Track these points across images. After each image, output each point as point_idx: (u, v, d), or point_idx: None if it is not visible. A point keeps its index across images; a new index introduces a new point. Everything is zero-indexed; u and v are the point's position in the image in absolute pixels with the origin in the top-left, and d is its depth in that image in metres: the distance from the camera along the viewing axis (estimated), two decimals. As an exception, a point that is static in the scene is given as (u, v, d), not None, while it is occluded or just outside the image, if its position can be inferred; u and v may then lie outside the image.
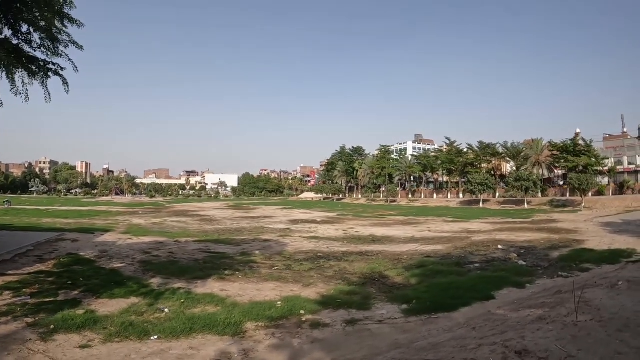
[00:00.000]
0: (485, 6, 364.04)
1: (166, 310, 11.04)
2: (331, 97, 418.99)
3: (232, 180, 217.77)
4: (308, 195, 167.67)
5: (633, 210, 49.87)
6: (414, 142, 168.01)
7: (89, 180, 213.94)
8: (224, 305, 11.75)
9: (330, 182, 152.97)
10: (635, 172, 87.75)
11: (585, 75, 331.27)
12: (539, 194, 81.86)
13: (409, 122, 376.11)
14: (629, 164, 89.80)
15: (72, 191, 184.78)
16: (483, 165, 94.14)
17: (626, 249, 20.29)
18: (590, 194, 71.69)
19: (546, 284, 13.76)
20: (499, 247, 23.43)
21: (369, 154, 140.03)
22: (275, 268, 18.03)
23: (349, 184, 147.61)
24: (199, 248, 24.07)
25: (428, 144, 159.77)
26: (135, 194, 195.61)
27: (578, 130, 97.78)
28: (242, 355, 8.21)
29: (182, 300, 11.95)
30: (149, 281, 14.90)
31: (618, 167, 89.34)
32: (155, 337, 9.13)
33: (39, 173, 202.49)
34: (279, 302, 11.91)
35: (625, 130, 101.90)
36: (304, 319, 10.56)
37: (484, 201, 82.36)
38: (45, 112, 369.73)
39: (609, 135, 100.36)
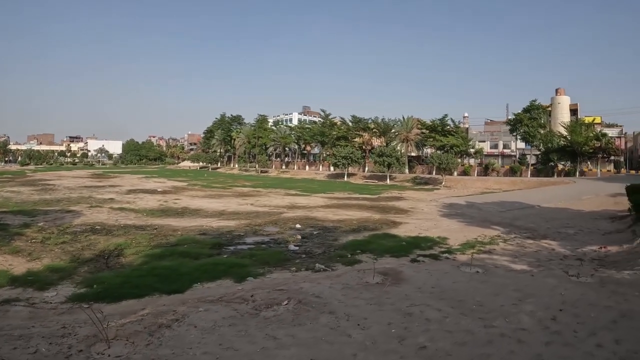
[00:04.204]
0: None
1: None
2: (226, 63, 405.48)
3: (116, 147, 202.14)
4: (186, 164, 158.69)
5: (490, 192, 48.03)
6: (300, 113, 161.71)
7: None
8: None
9: (209, 150, 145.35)
10: (509, 156, 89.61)
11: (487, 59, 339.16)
12: (406, 171, 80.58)
13: (304, 93, 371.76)
14: (504, 147, 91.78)
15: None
16: (355, 139, 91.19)
17: (437, 237, 18.68)
18: (455, 173, 72.33)
19: (273, 280, 11.70)
20: (297, 226, 21.97)
21: (248, 123, 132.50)
22: (33, 240, 17.52)
23: (227, 153, 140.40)
24: (-11, 219, 22.89)
25: (315, 116, 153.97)
26: (7, 161, 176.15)
27: (466, 114, 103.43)
28: None
29: None
30: None
31: (493, 150, 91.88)
32: None
33: None
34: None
35: (509, 117, 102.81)
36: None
37: (350, 175, 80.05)
38: None
39: (491, 120, 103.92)
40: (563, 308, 7.87)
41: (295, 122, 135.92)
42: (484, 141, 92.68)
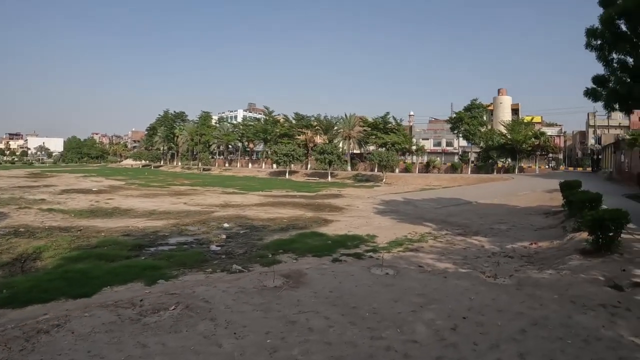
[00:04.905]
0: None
1: None
2: (174, 58, 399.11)
3: (57, 145, 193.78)
4: (129, 163, 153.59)
5: (429, 189, 48.36)
6: (245, 110, 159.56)
7: None
8: None
9: (152, 148, 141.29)
10: (452, 153, 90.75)
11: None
12: (349, 168, 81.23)
13: (251, 90, 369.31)
14: (447, 145, 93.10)
15: None
16: (298, 137, 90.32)
17: (365, 235, 18.15)
18: (397, 170, 73.25)
19: (183, 282, 10.94)
20: (225, 225, 21.12)
21: (191, 120, 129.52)
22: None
23: (171, 151, 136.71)
24: None
25: (260, 113, 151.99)
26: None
27: (412, 113, 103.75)
28: None
29: None
30: None
31: (437, 148, 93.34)
32: None
33: None
34: None
35: (450, 116, 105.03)
36: None
37: (292, 173, 79.42)
38: None
39: (435, 119, 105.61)
40: (467, 316, 6.97)
41: (240, 119, 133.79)
42: (428, 139, 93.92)
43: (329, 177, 69.16)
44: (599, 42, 16.08)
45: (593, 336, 6.03)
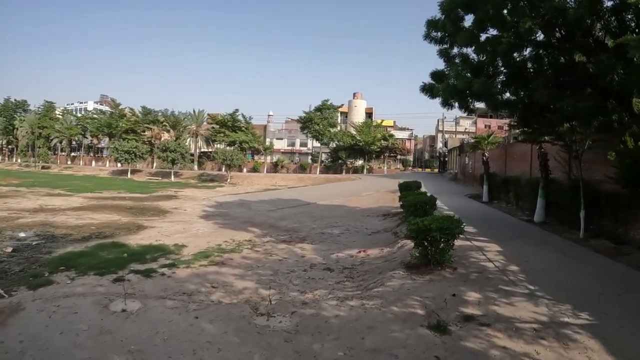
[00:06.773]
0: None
1: None
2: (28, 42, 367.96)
3: None
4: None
5: (274, 189, 48.11)
6: (97, 102, 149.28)
7: None
8: None
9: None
10: (306, 153, 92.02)
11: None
12: (196, 167, 79.36)
13: (106, 81, 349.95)
14: (302, 145, 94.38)
15: None
16: (145, 133, 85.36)
17: (173, 245, 16.16)
18: (245, 170, 73.30)
19: None
20: (21, 234, 17.92)
21: (34, 110, 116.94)
22: None
23: (10, 145, 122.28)
24: None
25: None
26: None
27: (271, 113, 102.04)
28: None
29: None
30: None
31: (291, 148, 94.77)
32: None
33: None
34: None
35: (299, 115, 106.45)
36: None
37: (136, 172, 74.72)
38: None
39: (291, 119, 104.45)
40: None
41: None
42: (282, 139, 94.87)
43: (173, 176, 66.60)
44: (439, 34, 14.69)
45: None
